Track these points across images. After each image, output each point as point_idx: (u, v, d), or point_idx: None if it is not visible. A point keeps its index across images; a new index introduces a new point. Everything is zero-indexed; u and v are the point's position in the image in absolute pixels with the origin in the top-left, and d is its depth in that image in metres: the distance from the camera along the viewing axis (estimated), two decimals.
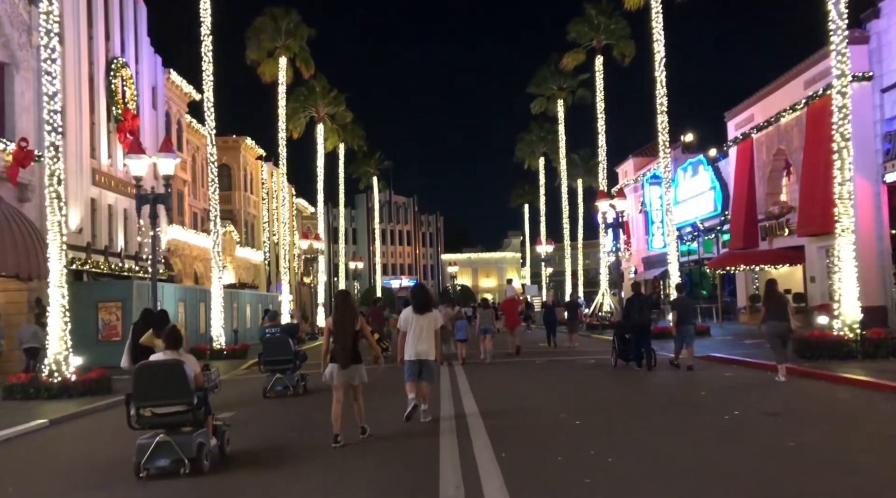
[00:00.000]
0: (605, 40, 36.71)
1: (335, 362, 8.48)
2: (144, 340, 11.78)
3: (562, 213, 49.45)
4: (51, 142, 15.00)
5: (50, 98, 15.02)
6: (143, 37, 31.81)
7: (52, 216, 14.98)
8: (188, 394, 7.30)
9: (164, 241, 34.20)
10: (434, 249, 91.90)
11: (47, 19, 14.95)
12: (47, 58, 14.96)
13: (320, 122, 45.50)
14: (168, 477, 7.09)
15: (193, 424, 7.41)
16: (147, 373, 7.44)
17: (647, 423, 9.24)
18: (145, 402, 7.32)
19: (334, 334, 8.56)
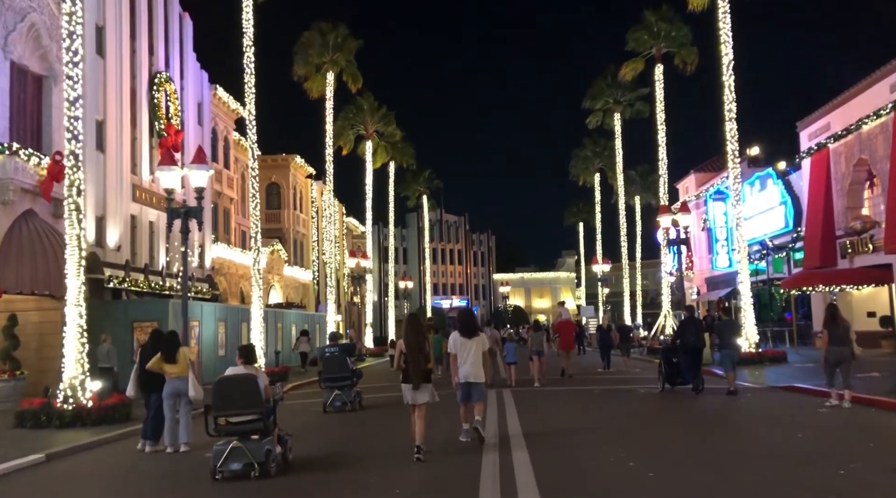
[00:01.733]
0: (666, 48, 34.80)
1: (408, 383, 9.05)
2: (152, 365, 10.54)
3: (619, 231, 47.38)
4: (70, 150, 14.10)
5: (71, 104, 14.14)
6: (189, 52, 31.38)
7: (71, 229, 14.01)
8: (259, 405, 8.20)
9: (209, 260, 33.56)
10: (485, 268, 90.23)
11: (70, 20, 14.10)
12: (69, 61, 14.09)
13: (369, 139, 44.78)
14: (239, 479, 8.00)
15: (262, 432, 8.25)
16: (224, 385, 8.37)
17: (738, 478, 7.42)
18: (222, 412, 8.23)
19: (407, 356, 9.08)
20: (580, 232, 68.22)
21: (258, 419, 8.18)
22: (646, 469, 7.77)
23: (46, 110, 21.47)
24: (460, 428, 10.00)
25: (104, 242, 24.07)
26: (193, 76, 31.88)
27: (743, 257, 24.72)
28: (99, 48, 24.06)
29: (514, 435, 10.38)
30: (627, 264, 47.84)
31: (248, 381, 8.22)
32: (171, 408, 10.49)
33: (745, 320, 24.16)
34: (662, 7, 35.01)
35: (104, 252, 23.93)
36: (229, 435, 8.23)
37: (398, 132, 47.64)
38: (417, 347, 9.07)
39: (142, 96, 26.77)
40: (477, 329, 10.16)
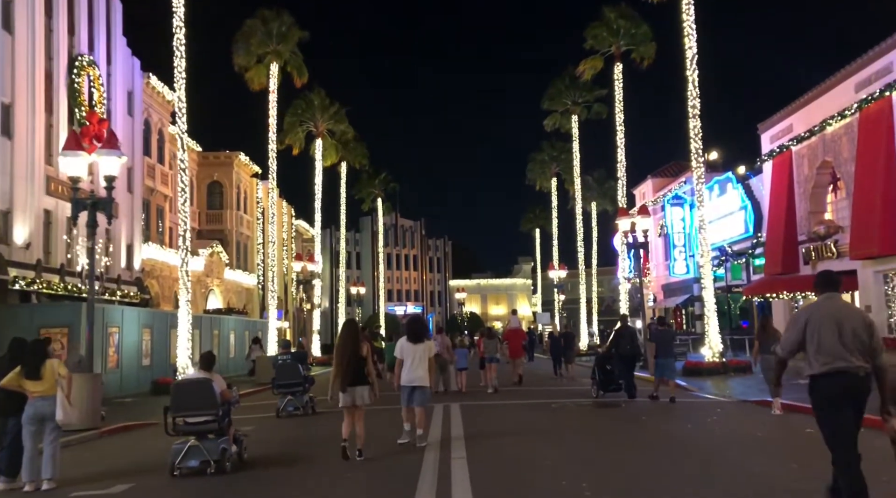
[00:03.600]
0: (626, 46, 33.65)
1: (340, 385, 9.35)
2: (8, 382, 8.48)
3: (575, 237, 46.16)
4: None
5: None
6: (118, 35, 29.02)
7: None
8: (215, 406, 8.77)
9: (139, 261, 31.12)
10: (441, 274, 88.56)
11: None
12: None
13: (319, 137, 42.69)
14: (196, 475, 8.65)
15: (218, 432, 8.88)
16: (182, 388, 9.13)
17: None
18: (180, 412, 8.83)
19: (336, 360, 9.50)
20: (537, 238, 67.15)
21: (213, 420, 8.80)
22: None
23: None
24: (402, 430, 10.38)
25: (10, 239, 21.63)
26: (123, 62, 29.49)
27: (707, 262, 23.48)
28: (6, 23, 21.68)
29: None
30: (584, 271, 46.63)
31: (204, 384, 8.86)
32: (32, 435, 8.44)
33: (708, 328, 22.94)
34: (622, 4, 33.95)
35: (10, 250, 21.52)
36: (187, 434, 8.83)
37: (350, 131, 45.66)
38: (352, 352, 9.41)
39: (59, 80, 24.39)
40: (425, 336, 10.56)
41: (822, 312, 5.58)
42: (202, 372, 9.24)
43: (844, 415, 5.38)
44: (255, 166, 47.21)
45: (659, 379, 15.95)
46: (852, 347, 5.41)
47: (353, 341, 9.54)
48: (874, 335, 5.55)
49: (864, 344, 5.44)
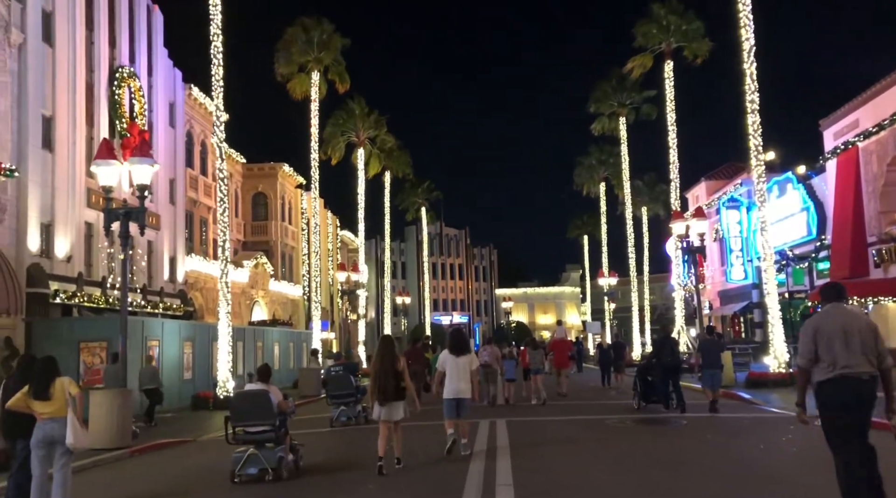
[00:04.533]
0: (677, 42, 32.37)
1: (377, 400, 9.58)
2: (14, 402, 7.85)
3: (625, 243, 44.67)
4: None
5: None
6: (159, 47, 28.98)
7: None
8: (272, 417, 9.26)
9: (182, 274, 30.97)
10: (487, 283, 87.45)
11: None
12: None
13: (360, 146, 42.31)
14: (255, 482, 9.15)
15: (275, 441, 9.35)
16: (241, 399, 9.67)
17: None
18: (239, 422, 9.33)
19: (374, 375, 9.72)
20: (585, 245, 65.70)
21: (271, 430, 9.28)
22: None
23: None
24: (444, 441, 10.42)
25: (51, 252, 21.49)
26: (164, 74, 29.45)
27: (770, 266, 22.01)
28: (46, 36, 21.63)
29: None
30: (635, 278, 45.07)
31: (262, 395, 9.32)
32: (41, 460, 7.78)
33: (773, 336, 21.47)
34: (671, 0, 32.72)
35: (51, 263, 21.36)
36: (246, 443, 9.28)
37: (391, 139, 45.24)
38: (388, 368, 9.62)
39: (100, 92, 24.32)
40: (466, 348, 10.66)
41: (829, 321, 5.96)
42: (260, 384, 9.70)
43: (847, 419, 5.76)
44: (299, 177, 47.09)
45: (706, 390, 15.75)
46: (859, 353, 5.78)
47: (390, 356, 9.76)
48: (878, 339, 5.91)
49: (870, 349, 5.80)
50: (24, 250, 20.24)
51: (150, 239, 27.71)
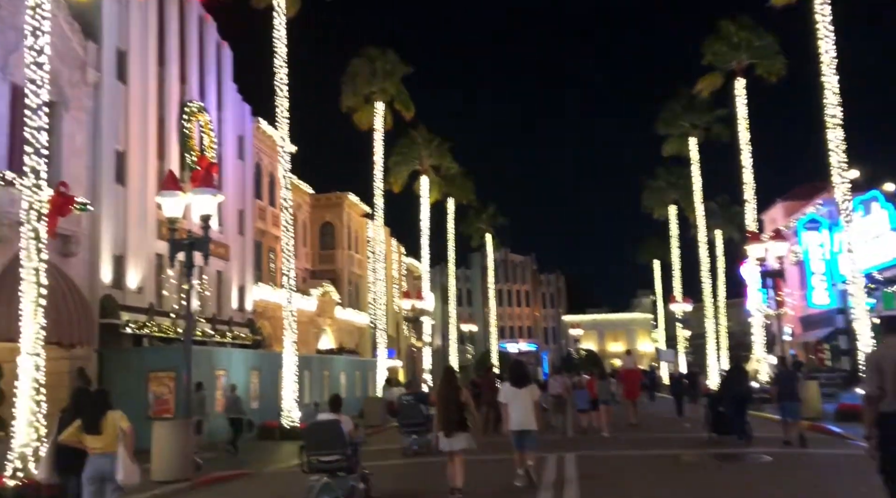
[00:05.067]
0: (749, 60, 31.22)
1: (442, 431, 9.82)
2: (67, 436, 7.75)
3: (699, 267, 43.05)
4: (31, 167, 11.77)
5: (33, 112, 11.87)
6: (228, 82, 29.72)
7: (28, 262, 11.58)
8: (344, 446, 9.56)
9: (251, 303, 31.34)
10: (555, 310, 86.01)
11: (34, 14, 11.89)
12: (33, 61, 11.87)
13: (424, 174, 42.30)
14: None
15: (347, 470, 9.64)
16: (315, 429, 9.98)
17: None
18: (313, 452, 9.60)
19: (438, 407, 10.03)
20: (656, 269, 63.90)
21: (343, 459, 9.51)
22: None
23: (55, 138, 19.60)
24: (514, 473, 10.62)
25: (123, 284, 21.99)
26: (233, 108, 30.16)
27: (858, 290, 20.58)
28: (120, 74, 22.38)
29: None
30: (710, 303, 43.31)
31: (334, 425, 9.63)
32: (91, 496, 7.65)
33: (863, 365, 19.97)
34: (742, 16, 31.66)
35: (123, 294, 21.84)
36: (320, 471, 9.45)
37: (454, 166, 45.02)
38: (451, 399, 9.85)
39: (171, 126, 24.99)
40: (528, 379, 10.75)
41: (888, 354, 6.06)
42: (331, 413, 10.05)
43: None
44: (365, 206, 47.45)
45: (785, 422, 15.39)
46: None
47: (453, 388, 9.99)
48: None
49: None
50: (98, 282, 20.74)
51: (219, 269, 28.17)
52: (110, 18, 21.81)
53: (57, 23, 19.31)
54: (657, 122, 41.39)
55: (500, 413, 18.95)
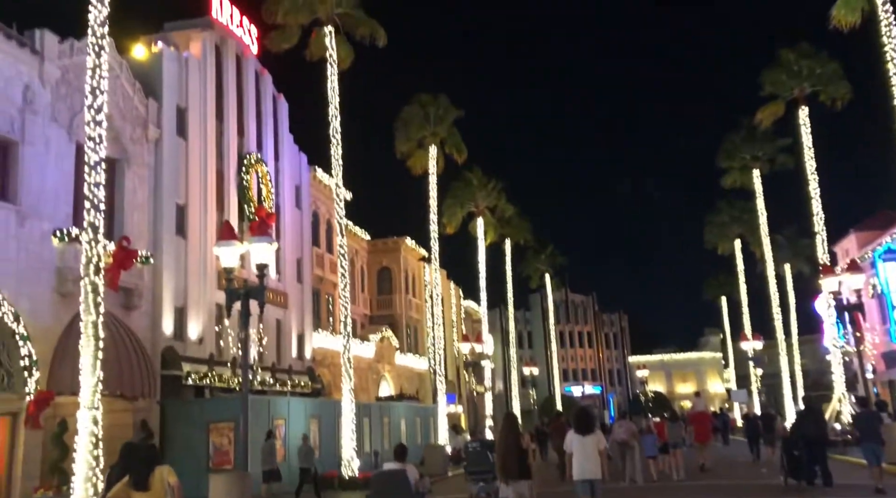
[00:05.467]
0: (812, 87, 30.28)
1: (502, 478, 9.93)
2: (115, 493, 7.56)
3: (769, 303, 41.32)
4: (90, 222, 11.96)
5: (91, 168, 12.12)
6: (285, 133, 30.37)
7: (87, 315, 11.67)
8: (411, 495, 9.98)
9: (310, 350, 31.38)
10: (619, 351, 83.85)
11: (93, 75, 12.25)
12: (91, 119, 12.17)
13: (479, 216, 42.17)
14: None
15: None
16: (381, 479, 10.50)
17: None
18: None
19: (498, 453, 10.08)
20: (723, 306, 61.82)
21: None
22: None
23: (119, 195, 20.24)
24: None
25: (184, 335, 22.26)
26: (290, 158, 30.74)
27: None
28: (180, 130, 23.06)
29: None
30: (783, 341, 41.38)
31: (400, 474, 9.90)
32: None
33: None
34: (802, 43, 30.85)
35: (184, 345, 22.10)
36: None
37: (510, 207, 44.88)
38: (512, 445, 9.86)
39: (229, 178, 25.54)
40: (592, 427, 10.52)
41: None
42: (396, 463, 10.32)
43: None
44: (421, 250, 47.48)
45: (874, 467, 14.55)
46: None
47: (514, 434, 9.97)
48: None
49: None
50: (159, 334, 21.05)
51: (278, 317, 28.35)
52: (170, 77, 22.58)
53: (119, 83, 20.10)
54: (718, 155, 40.42)
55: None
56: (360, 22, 24.66)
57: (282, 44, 24.97)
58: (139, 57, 22.82)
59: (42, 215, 17.17)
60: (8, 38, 16.42)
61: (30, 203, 16.82)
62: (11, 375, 16.34)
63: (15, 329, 15.97)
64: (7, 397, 16.23)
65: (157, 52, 22.78)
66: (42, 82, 17.28)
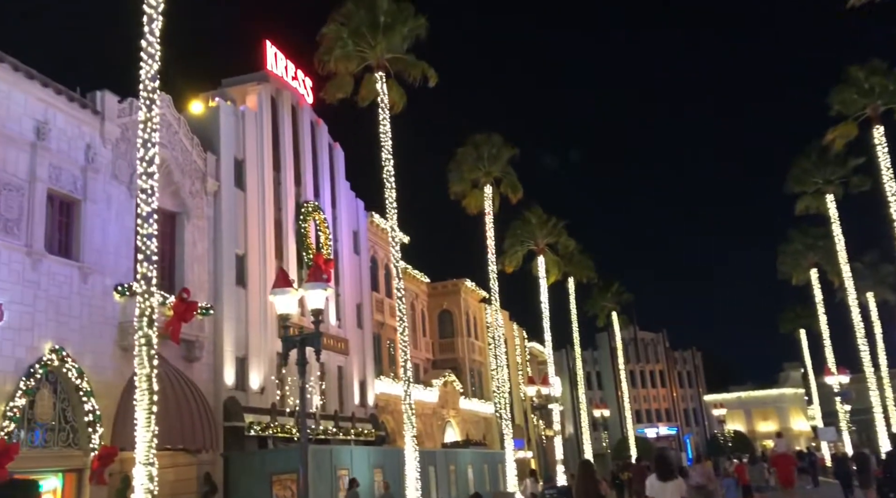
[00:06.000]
0: (885, 105, 28.87)
1: None
2: None
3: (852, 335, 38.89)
4: (142, 273, 11.92)
5: (144, 220, 12.13)
6: (341, 180, 30.59)
7: (140, 369, 11.53)
8: None
9: (373, 397, 30.96)
10: (694, 389, 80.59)
11: (145, 128, 12.36)
12: (143, 171, 12.24)
13: (540, 254, 41.45)
14: None
15: None
16: None
17: None
18: None
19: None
20: (803, 339, 58.80)
21: None
22: None
23: (179, 248, 20.49)
24: None
25: (246, 385, 22.16)
26: (347, 205, 30.89)
27: None
28: (238, 181, 23.39)
29: None
30: (871, 374, 38.80)
31: None
32: None
33: None
34: (873, 60, 29.58)
35: (246, 396, 21.98)
36: None
37: (572, 243, 43.95)
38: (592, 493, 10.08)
39: (288, 227, 25.69)
40: (673, 472, 10.31)
41: None
42: None
43: None
44: (482, 291, 46.93)
45: None
46: None
47: (592, 481, 10.23)
48: None
49: None
50: (221, 385, 21.00)
51: (339, 364, 28.12)
52: (227, 130, 23.02)
53: (177, 138, 20.52)
54: (787, 181, 38.86)
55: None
56: (411, 65, 24.76)
57: (336, 93, 25.25)
58: (197, 112, 23.37)
59: (104, 271, 17.44)
60: (70, 101, 16.95)
61: (92, 259, 17.10)
62: (76, 431, 16.43)
63: (78, 385, 16.10)
64: (72, 454, 16.30)
65: (214, 107, 23.29)
66: (103, 141, 17.74)
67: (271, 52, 26.50)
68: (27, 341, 15.15)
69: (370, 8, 23.86)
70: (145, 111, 12.33)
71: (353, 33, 23.63)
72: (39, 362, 15.31)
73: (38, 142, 15.87)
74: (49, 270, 15.95)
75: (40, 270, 15.68)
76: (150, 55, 12.52)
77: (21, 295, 15.14)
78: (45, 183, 15.99)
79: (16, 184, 15.32)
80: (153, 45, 12.55)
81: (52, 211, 16.44)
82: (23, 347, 15.04)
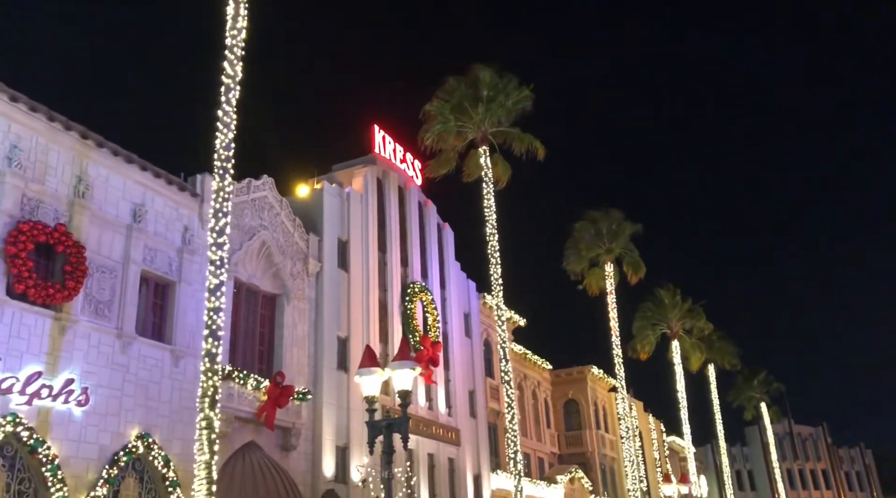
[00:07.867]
0: None
1: None
2: None
3: None
4: (206, 349, 11.10)
5: (211, 293, 11.42)
6: (450, 261, 29.63)
7: (199, 455, 10.51)
8: None
9: (488, 493, 28.63)
10: (866, 493, 70.70)
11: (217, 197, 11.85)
12: (213, 242, 11.64)
13: (675, 339, 38.25)
14: None
15: None
16: None
17: None
18: None
19: None
20: None
21: None
22: None
23: (279, 330, 19.92)
24: None
25: (347, 477, 20.81)
26: (457, 285, 29.77)
27: None
28: (342, 262, 22.89)
29: None
30: None
31: None
32: None
33: None
34: None
35: (347, 489, 20.59)
36: None
37: (710, 327, 40.53)
38: None
39: (393, 309, 24.78)
40: None
41: None
42: None
43: None
44: (610, 379, 43.74)
45: None
46: None
47: None
48: None
49: None
50: (320, 476, 19.80)
51: (450, 456, 26.29)
52: (331, 211, 22.79)
53: (279, 220, 20.36)
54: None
55: None
56: (516, 138, 23.90)
57: (439, 169, 24.81)
58: (303, 196, 23.40)
59: (196, 353, 16.92)
60: (169, 184, 17.13)
61: (185, 342, 16.74)
62: None
63: (165, 474, 15.41)
64: None
65: (318, 189, 23.24)
66: (201, 223, 17.71)
67: (379, 136, 26.57)
68: (112, 427, 14.70)
69: (472, 83, 23.47)
70: (218, 180, 11.88)
71: (455, 108, 23.23)
72: (124, 449, 14.77)
73: (135, 224, 15.95)
74: (139, 352, 15.66)
75: (130, 353, 15.40)
76: (225, 124, 12.21)
77: (109, 378, 14.83)
78: (139, 265, 15.94)
79: (109, 266, 15.32)
80: (229, 114, 12.26)
81: (145, 293, 16.33)
82: (108, 433, 14.57)
